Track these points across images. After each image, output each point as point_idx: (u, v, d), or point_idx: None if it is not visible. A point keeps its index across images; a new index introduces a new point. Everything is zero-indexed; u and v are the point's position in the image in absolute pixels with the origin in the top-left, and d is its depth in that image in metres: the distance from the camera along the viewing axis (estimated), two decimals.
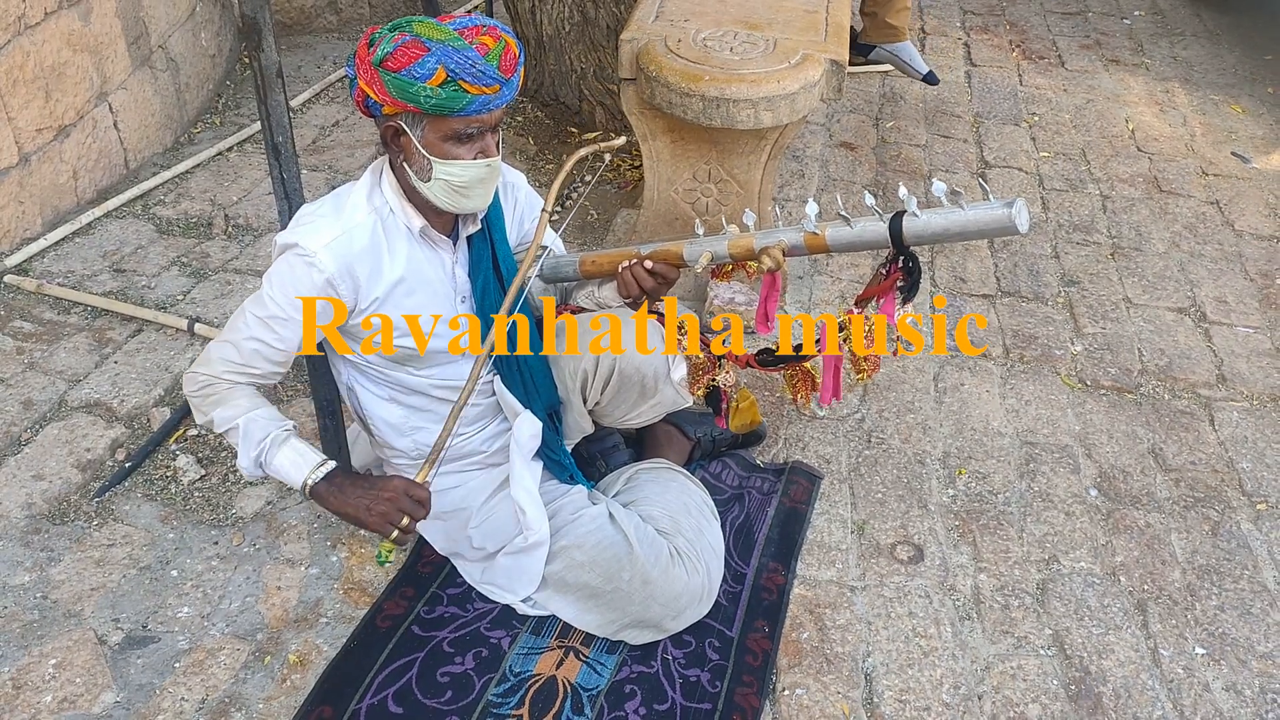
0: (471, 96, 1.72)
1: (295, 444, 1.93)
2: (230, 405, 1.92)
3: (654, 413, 2.26)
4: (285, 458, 1.91)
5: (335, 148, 3.88)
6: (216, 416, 1.93)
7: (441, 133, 1.78)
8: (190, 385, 1.96)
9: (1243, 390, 2.92)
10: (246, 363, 1.92)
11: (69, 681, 1.97)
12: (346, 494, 1.90)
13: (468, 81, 1.70)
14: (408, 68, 1.69)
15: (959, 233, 1.68)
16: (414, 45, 1.70)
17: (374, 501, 1.87)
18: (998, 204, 1.63)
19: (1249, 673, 2.13)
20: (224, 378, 1.93)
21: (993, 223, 1.63)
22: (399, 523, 1.86)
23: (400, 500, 1.86)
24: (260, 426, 1.91)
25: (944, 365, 2.94)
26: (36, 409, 2.60)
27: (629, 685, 2.01)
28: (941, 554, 2.35)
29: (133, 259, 3.18)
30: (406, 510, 1.86)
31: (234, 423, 1.92)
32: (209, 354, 1.95)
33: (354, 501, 1.88)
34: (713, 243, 1.93)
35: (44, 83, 3.15)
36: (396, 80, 1.71)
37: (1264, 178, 3.99)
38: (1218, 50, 5.07)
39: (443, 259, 1.99)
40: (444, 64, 1.69)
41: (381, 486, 1.89)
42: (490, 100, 1.75)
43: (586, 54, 3.83)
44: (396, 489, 1.87)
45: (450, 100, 1.72)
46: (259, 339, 1.90)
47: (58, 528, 2.30)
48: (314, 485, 1.90)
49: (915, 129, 4.21)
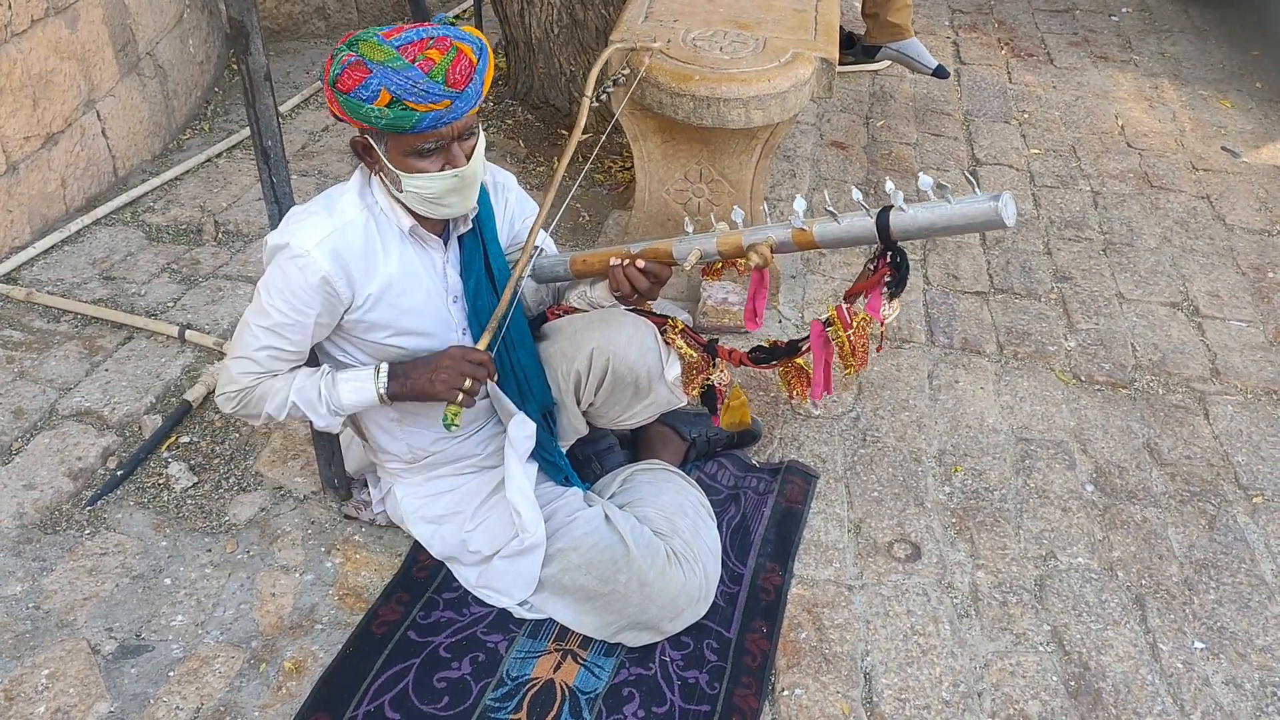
0: (420, 115, 1.71)
1: (343, 376, 1.97)
2: (274, 396, 1.96)
3: (648, 413, 2.25)
4: (347, 391, 1.96)
5: (325, 153, 3.86)
6: (271, 410, 1.97)
7: (401, 148, 1.78)
8: (228, 406, 1.99)
9: (1237, 384, 2.92)
10: (268, 370, 1.95)
11: (62, 692, 1.96)
12: (411, 378, 1.95)
13: (413, 101, 1.69)
14: (354, 90, 1.70)
15: (945, 227, 1.68)
16: (358, 67, 1.69)
17: (435, 373, 1.92)
18: (984, 197, 1.62)
19: (1248, 666, 2.13)
20: (252, 386, 1.96)
21: (979, 216, 1.62)
22: (463, 385, 1.90)
23: (460, 365, 1.91)
24: (309, 389, 1.96)
25: (938, 362, 2.94)
26: (27, 418, 2.58)
27: (627, 688, 2.00)
28: (939, 551, 2.35)
29: (122, 266, 3.17)
30: (468, 373, 1.91)
31: (288, 404, 1.95)
32: (229, 372, 1.96)
33: (418, 381, 1.94)
34: (702, 241, 1.93)
35: (31, 90, 3.13)
36: (348, 101, 1.71)
37: (1254, 172, 4.00)
38: (1205, 46, 5.08)
39: (434, 259, 1.98)
40: (385, 86, 1.68)
41: (439, 359, 1.94)
42: (442, 116, 1.72)
43: (576, 56, 3.82)
44: (454, 356, 1.93)
45: (400, 120, 1.71)
46: (271, 346, 1.91)
47: (49, 537, 2.28)
48: (386, 392, 1.96)
49: (906, 127, 4.21)
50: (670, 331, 2.17)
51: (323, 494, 2.40)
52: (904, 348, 2.99)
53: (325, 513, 2.37)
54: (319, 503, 2.39)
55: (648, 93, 2.69)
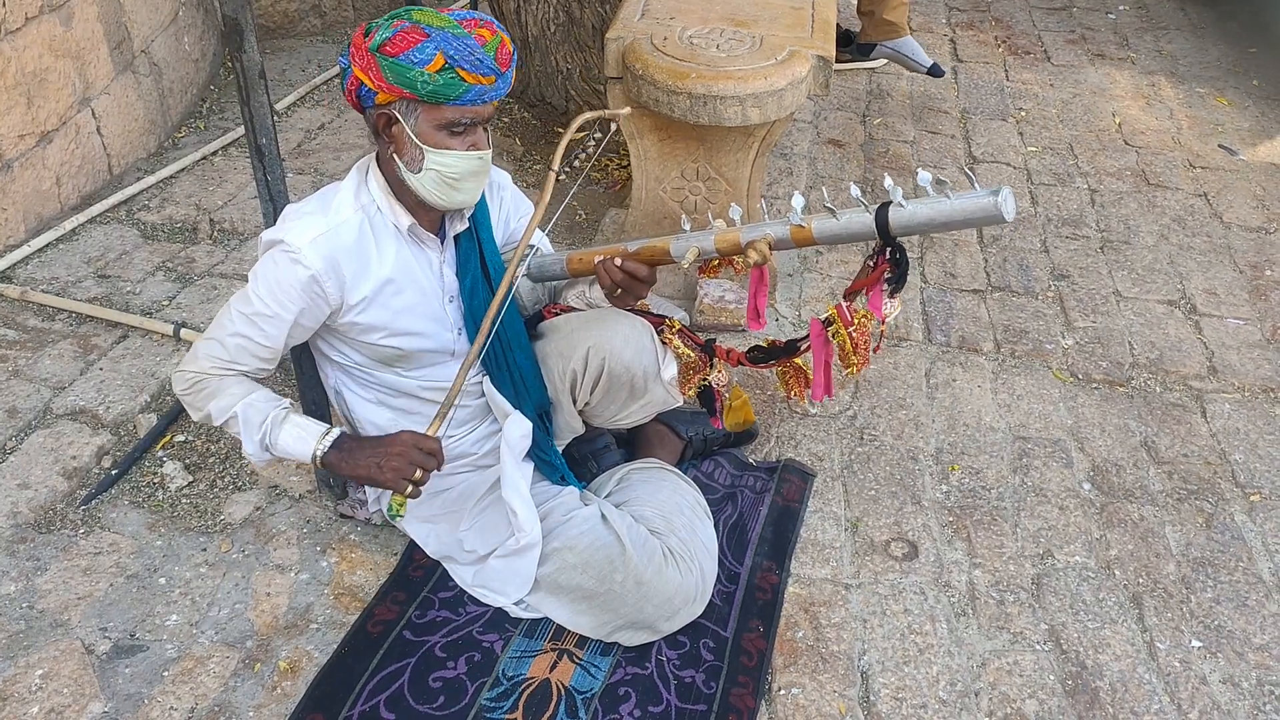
0: (468, 85, 1.73)
1: (296, 419, 1.92)
2: (224, 396, 1.92)
3: (645, 413, 2.24)
4: (289, 435, 1.90)
5: (321, 151, 3.85)
6: (213, 410, 1.92)
7: (435, 121, 1.78)
8: (179, 384, 1.96)
9: (1234, 382, 2.92)
10: (233, 359, 1.91)
11: (56, 692, 1.95)
12: (357, 456, 1.90)
13: (465, 69, 1.71)
14: (406, 52, 1.70)
15: (945, 222, 1.67)
16: (413, 31, 1.71)
17: (384, 459, 1.87)
18: (983, 192, 1.61)
19: (1246, 665, 2.13)
20: (211, 373, 1.92)
21: (979, 211, 1.62)
22: (413, 476, 1.86)
23: (410, 454, 1.86)
24: (258, 410, 1.90)
25: (935, 361, 2.93)
26: (21, 417, 2.57)
27: (623, 687, 1.99)
28: (936, 550, 2.34)
29: (117, 265, 3.16)
30: (418, 463, 1.86)
31: (231, 411, 1.91)
32: (195, 351, 1.94)
33: (365, 462, 1.88)
34: (699, 238, 1.92)
35: (26, 89, 3.12)
36: (394, 65, 1.71)
37: (1251, 169, 4.00)
38: (1202, 44, 5.08)
39: (430, 258, 1.98)
40: (443, 50, 1.69)
41: (389, 443, 1.89)
42: (486, 91, 1.75)
43: (572, 54, 3.81)
44: (405, 443, 1.87)
45: (447, 87, 1.72)
46: (244, 335, 1.89)
47: (44, 536, 2.28)
48: (324, 455, 1.90)
49: (903, 125, 4.21)
50: (667, 331, 2.16)
51: (318, 493, 2.39)
52: (901, 346, 2.98)
53: (320, 512, 2.36)
54: (314, 502, 2.38)
55: (644, 91, 2.68)
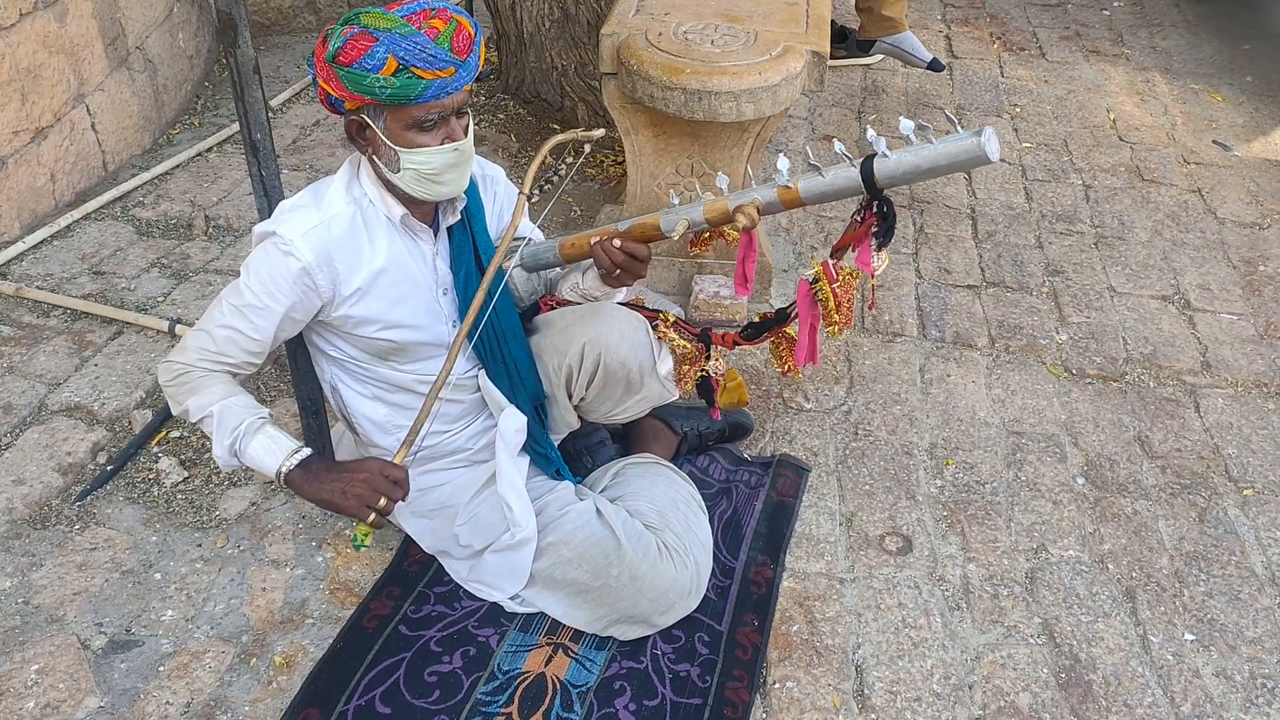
0: (426, 82, 1.71)
1: (270, 431, 1.88)
2: (205, 393, 1.89)
3: (640, 407, 2.25)
4: (259, 445, 1.86)
5: (316, 147, 3.85)
6: (191, 405, 1.90)
7: (403, 122, 1.77)
8: (165, 375, 1.93)
9: (1227, 377, 2.93)
10: (221, 351, 1.90)
11: (51, 687, 1.95)
12: (321, 479, 1.85)
13: (420, 68, 1.69)
14: (358, 60, 1.69)
15: (931, 168, 1.67)
16: (362, 37, 1.69)
17: (349, 484, 1.82)
18: (966, 135, 1.61)
19: (1238, 658, 2.14)
20: (198, 366, 1.90)
21: (963, 154, 1.62)
22: (376, 504, 1.81)
23: (376, 481, 1.82)
24: (235, 414, 1.87)
25: (930, 356, 2.94)
26: (16, 413, 2.57)
27: (619, 681, 2.00)
28: (930, 545, 2.35)
29: (112, 261, 3.15)
30: (383, 491, 1.82)
31: (208, 410, 1.88)
32: (184, 343, 1.93)
33: (329, 486, 1.84)
34: (688, 210, 1.92)
35: (20, 85, 3.11)
36: (350, 74, 1.70)
37: (1245, 165, 4.01)
38: (1196, 40, 5.09)
39: (424, 250, 1.98)
40: (393, 52, 1.68)
41: (355, 468, 1.84)
42: (447, 84, 1.73)
43: (567, 50, 3.81)
44: (371, 470, 1.83)
45: (405, 88, 1.70)
46: (233, 327, 1.88)
47: (39, 532, 2.28)
48: (288, 473, 1.85)
49: (897, 121, 4.19)
50: (662, 325, 2.17)
51: None
52: (895, 341, 2.99)
53: (315, 507, 2.36)
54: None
55: (639, 86, 2.68)
